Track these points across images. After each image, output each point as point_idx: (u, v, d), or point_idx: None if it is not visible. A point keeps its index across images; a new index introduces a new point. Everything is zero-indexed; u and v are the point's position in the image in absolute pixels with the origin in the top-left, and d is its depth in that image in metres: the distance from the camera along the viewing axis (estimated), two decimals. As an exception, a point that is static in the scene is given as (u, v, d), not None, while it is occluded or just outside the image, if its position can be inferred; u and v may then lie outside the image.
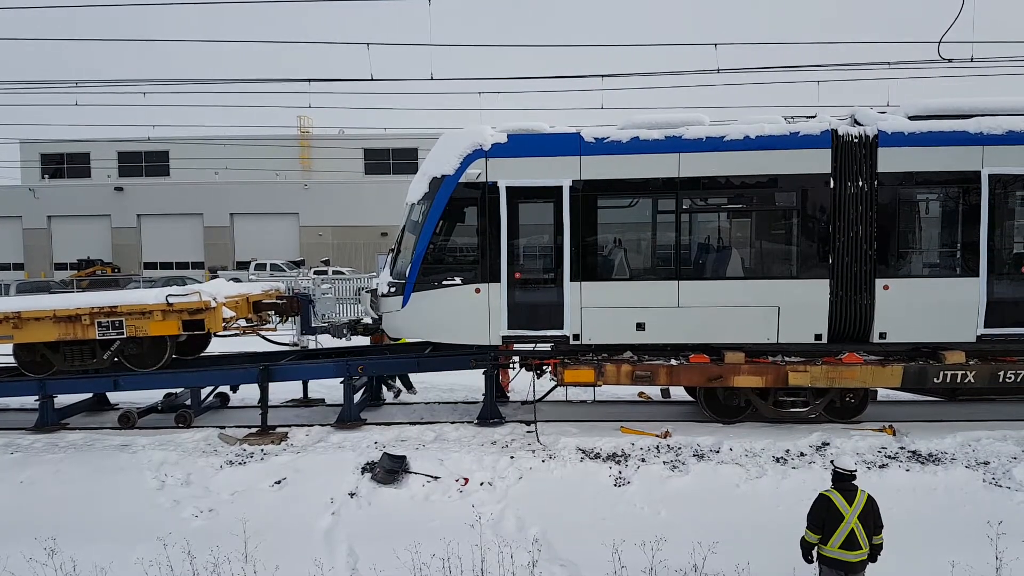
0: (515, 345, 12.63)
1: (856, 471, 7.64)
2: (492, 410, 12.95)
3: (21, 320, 12.71)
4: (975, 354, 11.67)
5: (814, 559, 7.60)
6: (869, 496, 7.51)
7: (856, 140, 11.43)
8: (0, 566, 8.90)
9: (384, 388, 15.66)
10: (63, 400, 13.90)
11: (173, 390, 14.41)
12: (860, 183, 11.39)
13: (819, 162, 11.44)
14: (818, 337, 11.69)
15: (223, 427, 12.97)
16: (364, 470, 10.99)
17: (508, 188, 11.87)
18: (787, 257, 11.94)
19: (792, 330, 11.70)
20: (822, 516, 7.40)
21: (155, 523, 9.86)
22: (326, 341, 16.82)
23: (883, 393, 13.44)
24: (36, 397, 13.33)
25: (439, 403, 15.05)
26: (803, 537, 7.59)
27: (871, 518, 7.42)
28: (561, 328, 12.04)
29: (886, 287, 11.48)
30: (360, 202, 51.28)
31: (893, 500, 9.77)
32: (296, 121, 59.92)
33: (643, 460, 10.96)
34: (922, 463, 10.65)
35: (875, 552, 7.44)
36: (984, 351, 11.73)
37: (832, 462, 7.92)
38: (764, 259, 12.12)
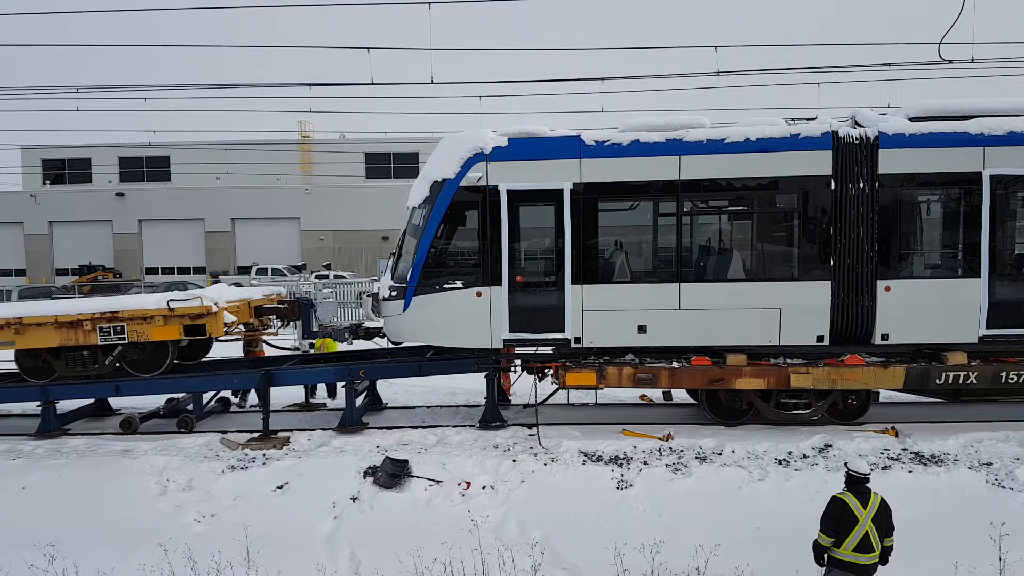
0: (516, 348, 12.61)
1: (870, 474, 7.63)
2: (494, 413, 12.94)
3: (23, 326, 12.71)
4: (977, 355, 11.66)
5: (825, 562, 7.57)
6: (882, 499, 7.50)
7: (857, 142, 11.43)
8: (2, 573, 8.88)
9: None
10: (65, 406, 13.90)
11: (175, 395, 14.40)
12: (861, 185, 11.39)
13: (820, 164, 11.44)
14: (820, 339, 11.68)
15: (225, 432, 12.97)
16: (366, 474, 10.98)
17: (509, 191, 11.88)
18: (788, 259, 11.93)
19: (794, 332, 11.69)
20: (836, 519, 7.36)
21: (157, 528, 9.85)
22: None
23: (885, 394, 13.42)
24: (38, 403, 13.33)
25: (441, 407, 15.04)
26: (816, 540, 7.54)
27: (884, 520, 7.42)
28: (562, 331, 12.03)
29: (888, 288, 11.47)
30: (361, 206, 51.33)
31: (896, 501, 9.69)
32: (297, 126, 60.04)
33: (645, 463, 10.95)
34: (925, 464, 10.64)
35: (886, 554, 7.43)
36: (986, 352, 11.71)
37: (845, 464, 7.90)
38: (765, 261, 12.11)
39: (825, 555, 7.53)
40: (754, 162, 11.58)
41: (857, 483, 7.54)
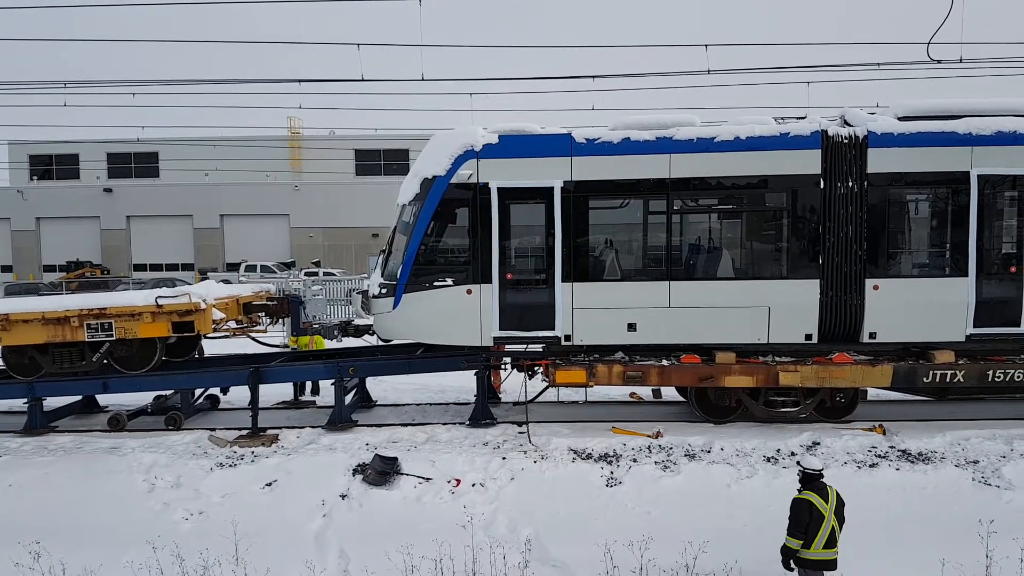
0: (507, 346, 12.62)
1: (823, 469, 7.70)
2: (484, 411, 12.94)
3: (9, 322, 12.61)
4: (964, 353, 11.74)
5: (793, 567, 7.62)
6: (837, 491, 7.63)
7: (846, 141, 11.47)
8: (-12, 570, 8.84)
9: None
10: (52, 403, 13.79)
11: (163, 392, 14.33)
12: (850, 184, 11.44)
13: (809, 163, 11.48)
14: (808, 337, 11.73)
15: (213, 429, 12.91)
16: (355, 472, 10.96)
17: (499, 189, 11.87)
18: (777, 257, 11.97)
19: (782, 330, 11.73)
20: (805, 521, 7.41)
21: (145, 526, 9.81)
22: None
23: (873, 393, 13.50)
24: (25, 400, 13.23)
25: (431, 404, 15.02)
26: (785, 545, 7.55)
27: (841, 512, 7.56)
28: (552, 329, 12.04)
29: (876, 287, 11.53)
30: (351, 203, 51.17)
31: (883, 499, 9.87)
32: (286, 122, 59.77)
33: (634, 460, 10.97)
34: (912, 462, 10.70)
35: None
36: (973, 350, 11.79)
37: (799, 463, 7.93)
38: (754, 259, 12.16)
39: (791, 559, 7.56)
40: (744, 161, 11.61)
41: (814, 480, 7.61)
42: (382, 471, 10.79)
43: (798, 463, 7.96)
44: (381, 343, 13.84)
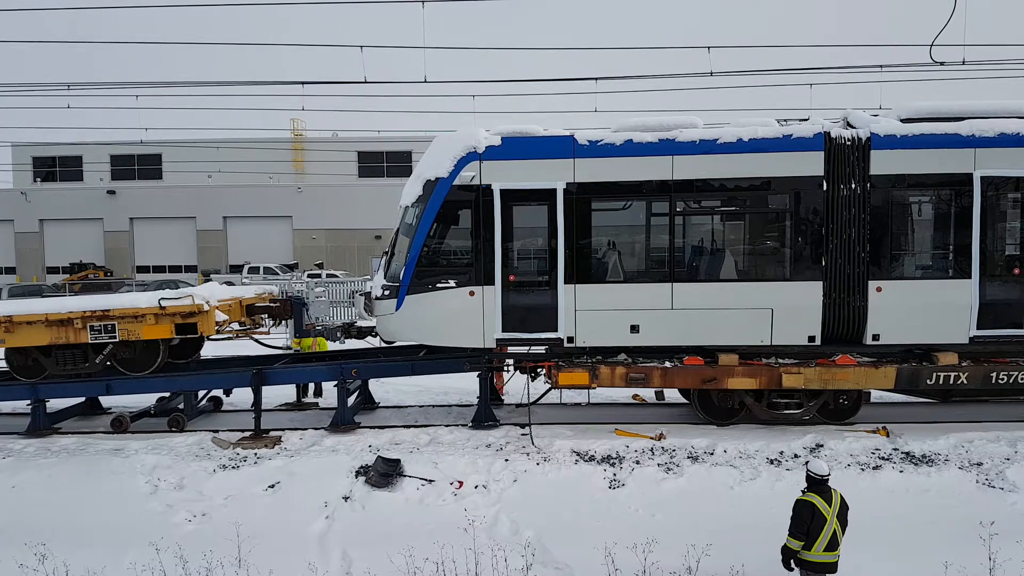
0: (509, 348, 12.61)
1: (829, 474, 7.71)
2: (486, 413, 12.93)
3: (13, 324, 12.64)
4: (968, 355, 11.71)
5: (793, 567, 7.63)
6: (841, 495, 7.63)
7: (849, 143, 11.46)
8: (-9, 572, 8.85)
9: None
10: (55, 404, 13.81)
11: (166, 394, 14.34)
12: (853, 185, 11.43)
13: (812, 164, 11.47)
14: (811, 339, 11.71)
15: (216, 431, 12.92)
16: (358, 474, 10.96)
17: (502, 191, 11.87)
18: (780, 259, 11.95)
19: (785, 332, 11.72)
20: (807, 522, 7.43)
21: (148, 528, 9.81)
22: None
23: (876, 395, 13.46)
24: (28, 401, 13.25)
25: (433, 406, 15.01)
26: (785, 546, 7.58)
27: (844, 516, 7.57)
28: (555, 331, 12.03)
29: (879, 289, 11.51)
30: (354, 205, 51.23)
31: (887, 501, 9.85)
32: (289, 124, 59.93)
33: (637, 462, 10.96)
34: (915, 464, 10.68)
35: None
36: (977, 352, 11.76)
37: (806, 464, 7.95)
38: (757, 261, 12.15)
39: (792, 560, 7.58)
40: (747, 162, 11.61)
41: (819, 484, 7.61)
42: (385, 473, 10.80)
43: (805, 464, 7.97)
44: (384, 345, 13.84)
